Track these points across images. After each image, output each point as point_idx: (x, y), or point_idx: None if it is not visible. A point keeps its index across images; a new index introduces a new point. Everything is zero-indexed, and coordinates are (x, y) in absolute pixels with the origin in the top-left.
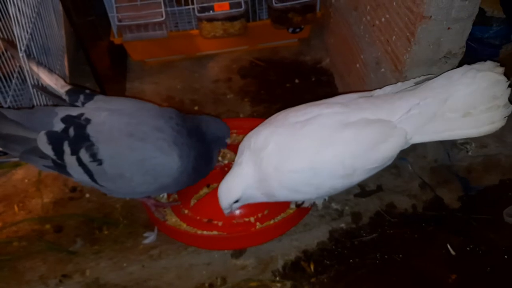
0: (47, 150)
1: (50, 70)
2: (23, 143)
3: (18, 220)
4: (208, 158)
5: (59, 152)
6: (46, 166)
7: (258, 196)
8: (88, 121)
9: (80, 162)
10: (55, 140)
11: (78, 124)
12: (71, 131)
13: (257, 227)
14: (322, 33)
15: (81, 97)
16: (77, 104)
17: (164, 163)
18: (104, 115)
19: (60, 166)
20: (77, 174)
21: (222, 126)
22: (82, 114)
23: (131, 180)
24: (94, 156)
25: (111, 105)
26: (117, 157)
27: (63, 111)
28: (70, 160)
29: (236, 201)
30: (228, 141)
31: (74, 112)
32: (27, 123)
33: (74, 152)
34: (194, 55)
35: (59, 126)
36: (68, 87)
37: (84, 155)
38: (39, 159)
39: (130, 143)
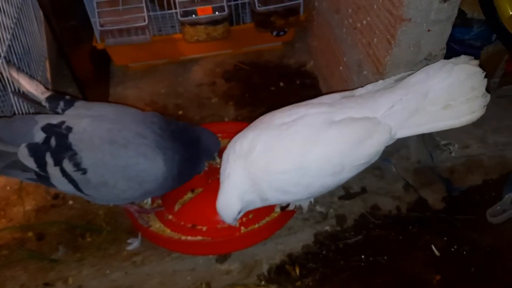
0: (29, 163)
1: (31, 77)
2: (3, 158)
3: None
4: (193, 161)
5: (41, 164)
6: (29, 178)
7: (256, 200)
8: (69, 129)
9: (64, 172)
10: (37, 152)
11: (59, 134)
12: (53, 141)
13: (242, 231)
14: (306, 36)
15: (61, 104)
16: (57, 110)
17: (148, 168)
18: (85, 122)
19: (43, 178)
20: (61, 185)
21: (214, 139)
22: (63, 122)
23: (115, 187)
24: (77, 166)
25: (92, 111)
26: (100, 165)
27: (43, 120)
28: (53, 171)
29: (239, 212)
30: (216, 154)
31: (54, 120)
32: (6, 136)
33: (57, 162)
34: (177, 59)
35: (39, 136)
36: (48, 93)
37: (67, 165)
38: (21, 173)
39: (112, 150)
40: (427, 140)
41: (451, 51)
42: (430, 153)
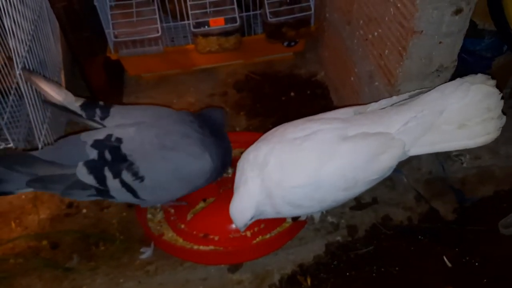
0: (89, 180)
1: (59, 85)
2: (62, 181)
3: (15, 236)
4: (227, 148)
5: (101, 179)
6: (89, 195)
7: (269, 211)
8: (119, 141)
9: (123, 183)
10: (95, 168)
11: (112, 147)
12: (107, 155)
13: (254, 241)
14: (316, 46)
15: (98, 111)
16: (95, 118)
17: (198, 166)
18: (131, 131)
19: (103, 192)
20: (120, 195)
21: (220, 113)
22: (110, 135)
23: (169, 188)
24: (136, 174)
25: (131, 119)
26: (154, 171)
27: (89, 137)
28: (113, 184)
29: (251, 219)
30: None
31: (99, 135)
32: (60, 160)
33: (116, 175)
34: (189, 70)
35: (93, 153)
36: (81, 101)
37: (126, 175)
38: (82, 191)
39: (164, 154)
40: None
41: (462, 62)
42: (442, 164)
